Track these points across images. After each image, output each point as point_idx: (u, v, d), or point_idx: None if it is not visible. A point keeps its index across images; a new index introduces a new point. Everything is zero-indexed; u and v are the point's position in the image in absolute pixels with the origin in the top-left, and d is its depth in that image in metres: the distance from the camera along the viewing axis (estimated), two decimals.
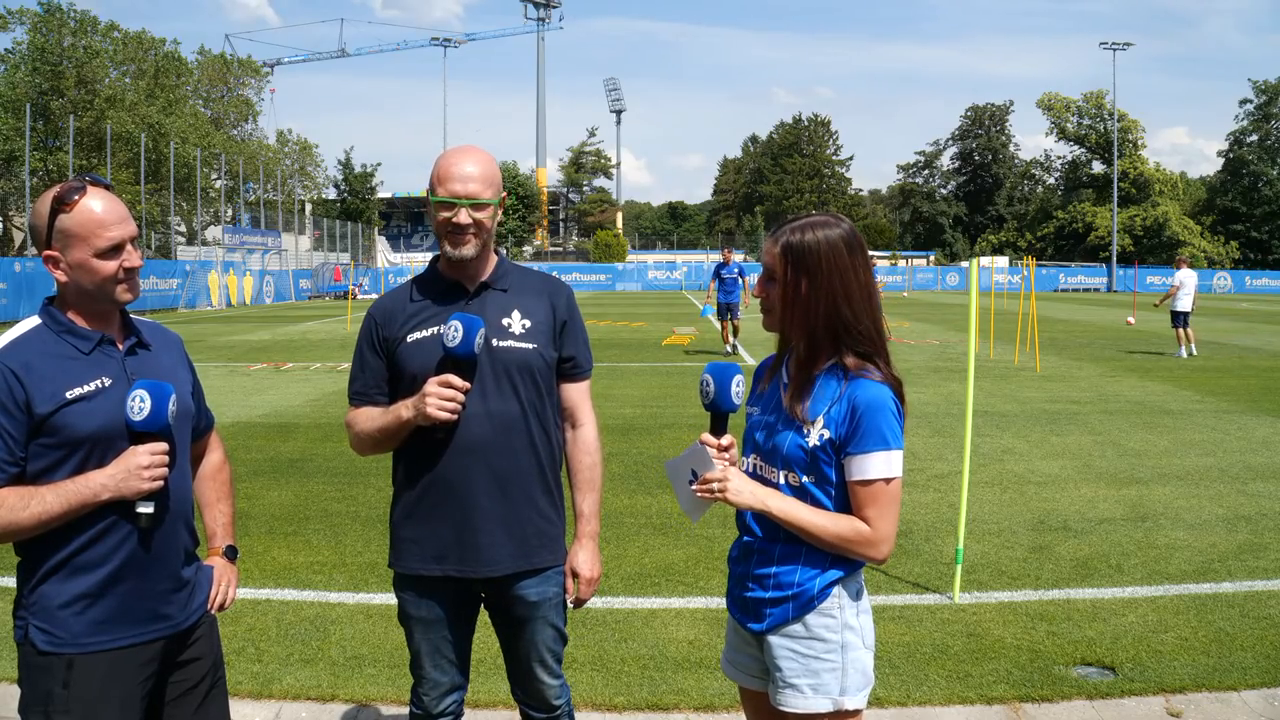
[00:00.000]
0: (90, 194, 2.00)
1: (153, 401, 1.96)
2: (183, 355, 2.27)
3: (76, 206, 1.97)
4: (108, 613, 1.99)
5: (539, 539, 2.41)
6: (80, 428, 1.95)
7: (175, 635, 2.11)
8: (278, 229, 47.50)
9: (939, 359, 16.16)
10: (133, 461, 1.96)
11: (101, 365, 2.02)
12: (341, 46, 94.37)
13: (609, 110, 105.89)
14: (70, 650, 1.97)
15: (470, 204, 2.30)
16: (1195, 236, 71.24)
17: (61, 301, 2.06)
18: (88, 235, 1.98)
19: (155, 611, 2.06)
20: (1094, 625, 4.38)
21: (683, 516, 6.16)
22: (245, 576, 5.03)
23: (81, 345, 2.02)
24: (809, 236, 2.01)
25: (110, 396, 1.99)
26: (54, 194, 1.99)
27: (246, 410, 10.54)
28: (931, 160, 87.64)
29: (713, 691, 3.74)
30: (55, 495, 1.92)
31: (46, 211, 1.99)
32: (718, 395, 2.06)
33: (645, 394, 11.74)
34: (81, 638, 1.97)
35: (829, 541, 1.98)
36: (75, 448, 1.96)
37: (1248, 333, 22.32)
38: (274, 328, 24.61)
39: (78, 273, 2.00)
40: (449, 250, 2.34)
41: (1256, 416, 10.16)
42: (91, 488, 1.94)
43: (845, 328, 2.00)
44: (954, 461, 7.78)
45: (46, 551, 1.97)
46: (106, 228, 1.99)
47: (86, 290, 2.02)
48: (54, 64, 39.45)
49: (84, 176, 2.03)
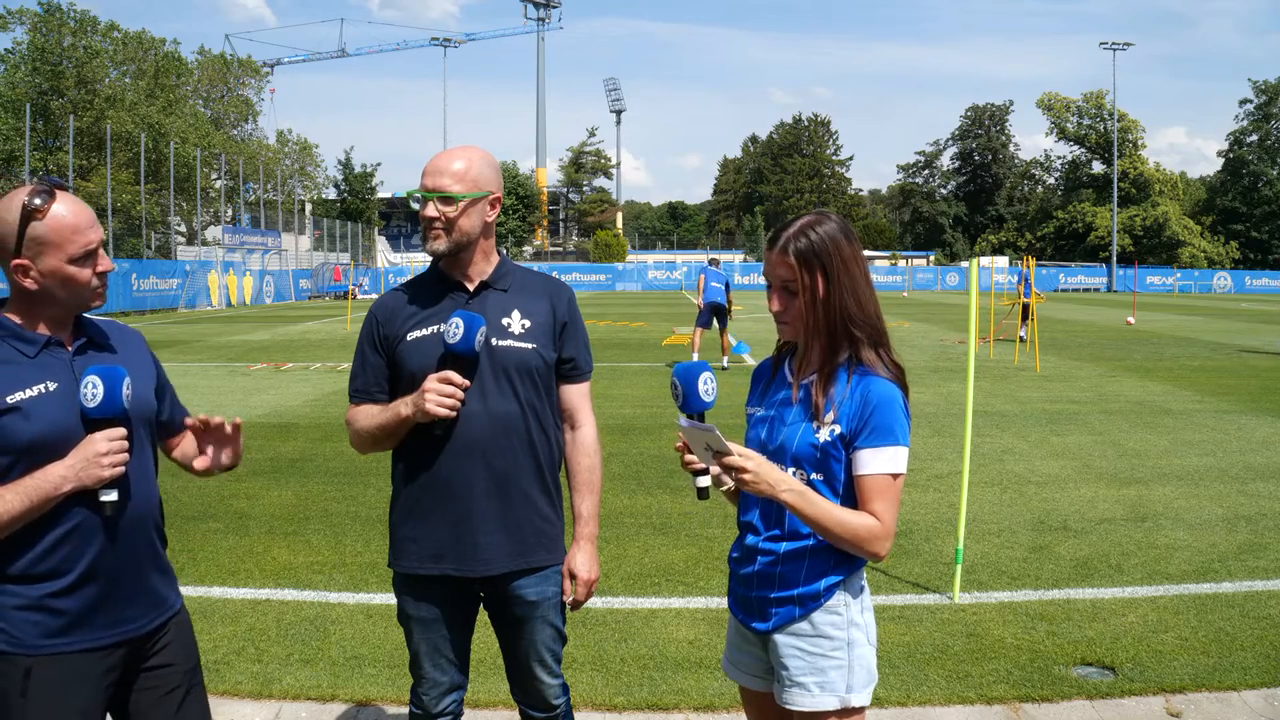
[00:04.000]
0: (60, 199, 1.93)
1: (105, 386, 1.89)
2: (145, 352, 2.18)
3: (49, 213, 1.90)
4: (70, 616, 1.93)
5: (537, 538, 2.41)
6: (21, 434, 1.87)
7: (138, 639, 2.04)
8: (278, 229, 47.46)
9: (939, 359, 16.16)
10: (91, 449, 1.89)
11: (47, 368, 1.94)
12: (341, 46, 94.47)
13: (609, 110, 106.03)
14: (28, 653, 1.90)
15: (435, 196, 2.30)
16: (1195, 236, 71.31)
17: (13, 306, 1.98)
18: (62, 242, 1.91)
19: (119, 615, 1.99)
20: (1094, 625, 4.37)
21: (683, 516, 6.16)
22: (245, 576, 5.04)
23: (26, 349, 1.94)
24: (814, 237, 2.01)
25: (55, 400, 1.92)
26: (21, 201, 1.90)
27: (246, 410, 10.54)
28: (931, 160, 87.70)
29: (713, 691, 3.74)
30: (15, 493, 1.86)
31: (16, 220, 1.89)
32: (688, 396, 2.05)
33: (645, 394, 11.74)
34: (40, 640, 1.91)
35: (844, 536, 1.95)
36: (19, 455, 1.88)
37: (1248, 333, 22.32)
38: (274, 328, 24.60)
39: (49, 281, 1.93)
40: (425, 245, 2.37)
41: (1256, 416, 10.15)
42: (51, 480, 1.87)
43: (855, 318, 2.02)
44: (954, 461, 7.78)
45: (10, 554, 1.90)
46: (81, 233, 1.93)
47: (56, 298, 1.95)
48: (54, 64, 39.44)
49: (48, 180, 1.96)
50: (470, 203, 2.33)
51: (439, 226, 2.32)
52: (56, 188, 1.95)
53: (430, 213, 2.31)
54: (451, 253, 2.35)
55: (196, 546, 5.51)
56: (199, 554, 5.40)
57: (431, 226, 2.32)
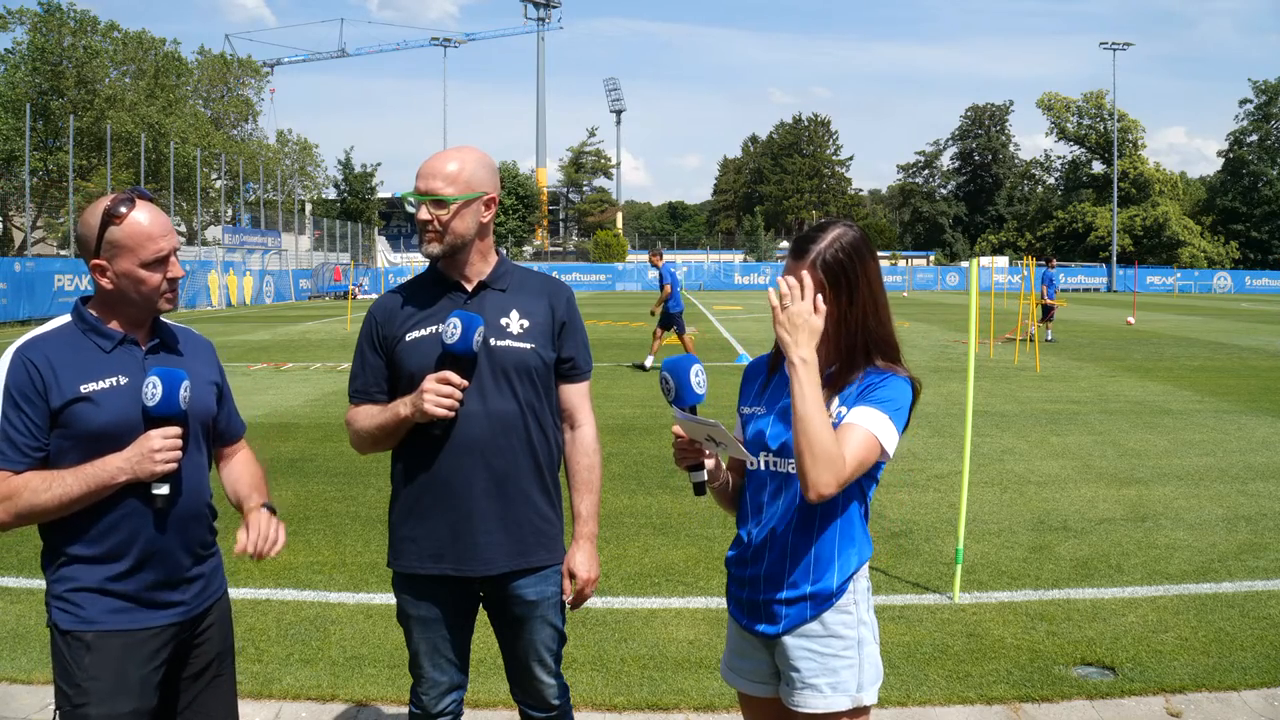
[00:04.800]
0: (139, 207, 2.09)
1: (164, 387, 2.03)
2: (212, 360, 2.33)
3: (126, 219, 2.07)
4: (126, 595, 2.08)
5: (536, 538, 2.41)
6: (91, 421, 2.03)
7: (187, 621, 2.19)
8: (278, 229, 47.44)
9: (939, 359, 16.16)
10: (146, 444, 2.03)
11: (121, 363, 2.10)
12: (341, 46, 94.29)
13: (609, 110, 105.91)
14: (90, 630, 2.06)
15: (428, 200, 2.30)
16: (1195, 236, 71.28)
17: (96, 303, 2.15)
18: (136, 247, 2.07)
19: (171, 599, 2.15)
20: (1094, 625, 4.37)
21: (683, 516, 6.16)
22: (245, 576, 5.03)
23: (103, 344, 2.11)
24: (839, 249, 1.98)
25: (125, 393, 2.07)
26: (104, 206, 2.08)
27: (247, 410, 10.46)
28: (931, 160, 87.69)
29: (713, 691, 3.73)
30: (75, 478, 2.01)
31: (97, 223, 2.07)
32: (680, 390, 2.04)
33: (645, 394, 11.74)
34: (102, 616, 2.06)
35: (813, 438, 1.82)
36: (88, 441, 2.03)
37: (1248, 333, 22.32)
38: (274, 328, 24.61)
39: (123, 281, 2.09)
40: (420, 247, 2.37)
41: (1256, 416, 10.15)
42: (109, 470, 2.02)
43: (874, 334, 2.01)
44: (954, 461, 7.77)
45: (70, 537, 2.07)
46: (154, 240, 2.09)
47: (130, 298, 2.11)
48: (54, 64, 39.45)
49: (132, 190, 2.14)
50: (464, 205, 2.32)
51: (433, 229, 2.32)
52: (139, 197, 2.12)
53: (423, 216, 2.31)
54: (447, 255, 2.35)
55: None
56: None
57: (425, 229, 2.32)
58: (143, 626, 2.10)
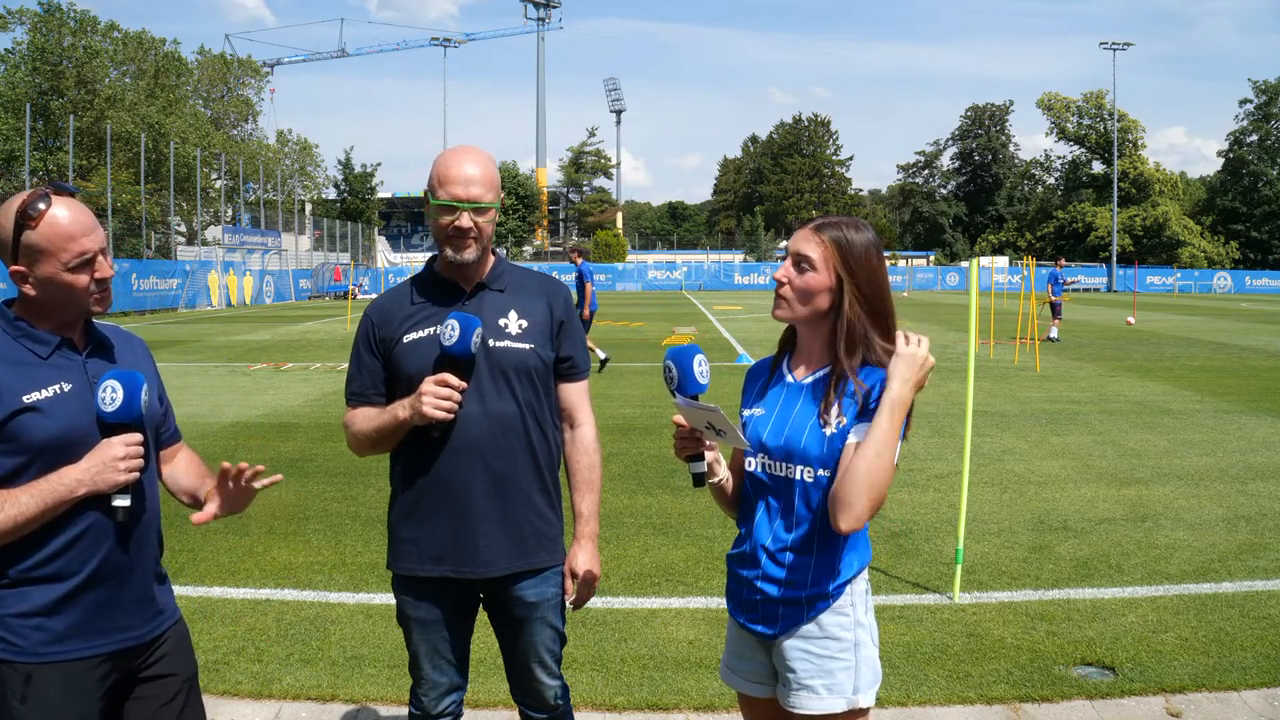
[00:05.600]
0: (56, 204, 1.89)
1: (125, 391, 1.89)
2: (148, 360, 2.17)
3: (43, 219, 1.87)
4: (70, 622, 1.91)
5: (537, 539, 2.41)
6: (37, 433, 1.87)
7: (137, 647, 2.02)
8: (278, 229, 47.44)
9: (939, 359, 16.11)
10: (107, 453, 1.88)
11: (61, 369, 1.93)
12: (341, 46, 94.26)
13: (609, 110, 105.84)
14: (29, 661, 1.88)
15: (472, 207, 2.29)
16: (1195, 236, 71.27)
17: (21, 305, 1.97)
18: (56, 250, 1.88)
19: (118, 622, 1.98)
20: (1094, 625, 4.37)
21: (683, 516, 6.16)
22: (245, 576, 5.03)
23: (39, 350, 1.93)
24: (856, 237, 2.01)
25: (71, 401, 1.91)
26: (17, 207, 1.88)
27: (247, 410, 10.54)
28: (931, 160, 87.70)
29: (713, 691, 3.73)
30: (30, 496, 1.84)
31: (10, 226, 1.87)
32: (684, 378, 2.05)
33: (645, 394, 11.74)
34: (40, 648, 1.89)
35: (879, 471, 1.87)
36: (34, 454, 1.87)
37: (1248, 333, 22.32)
38: (274, 328, 24.60)
39: (47, 287, 1.91)
40: (450, 254, 2.32)
41: (1256, 416, 10.15)
42: (67, 483, 1.86)
43: (874, 327, 2.01)
44: (954, 461, 7.77)
45: (14, 558, 1.88)
46: (76, 240, 1.89)
47: (57, 303, 1.94)
48: (54, 64, 39.46)
49: (48, 185, 1.93)
50: (495, 210, 2.35)
51: (473, 236, 2.31)
52: (58, 192, 1.92)
53: (465, 224, 2.29)
54: (479, 259, 2.36)
55: (196, 546, 5.51)
56: (199, 554, 5.40)
57: (465, 236, 2.31)
58: (87, 655, 1.93)
